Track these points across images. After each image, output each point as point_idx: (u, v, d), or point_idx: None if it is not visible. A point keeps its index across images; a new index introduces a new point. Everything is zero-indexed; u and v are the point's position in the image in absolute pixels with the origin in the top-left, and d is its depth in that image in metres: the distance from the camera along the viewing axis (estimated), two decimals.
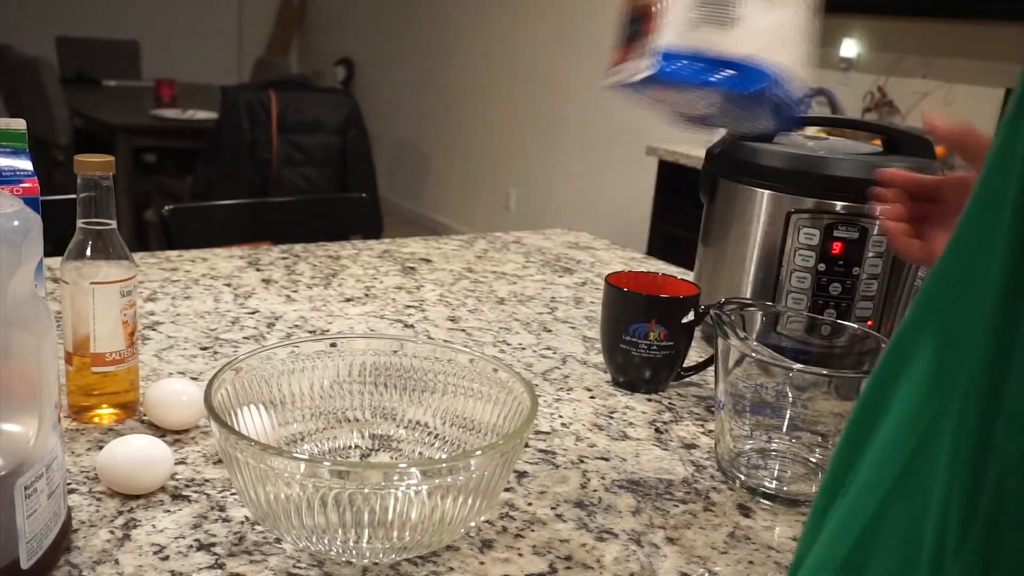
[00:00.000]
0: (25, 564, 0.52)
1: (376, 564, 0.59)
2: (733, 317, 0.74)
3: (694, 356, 0.96)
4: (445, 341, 0.96)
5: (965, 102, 2.85)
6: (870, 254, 0.92)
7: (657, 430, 0.83)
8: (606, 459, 0.77)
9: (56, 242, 0.76)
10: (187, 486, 0.67)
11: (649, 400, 0.90)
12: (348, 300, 1.13)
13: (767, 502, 0.71)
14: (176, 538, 0.60)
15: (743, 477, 0.73)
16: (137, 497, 0.64)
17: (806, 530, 0.36)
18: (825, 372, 0.70)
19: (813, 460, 0.73)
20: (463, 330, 1.06)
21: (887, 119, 3.02)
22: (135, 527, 0.61)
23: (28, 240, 0.51)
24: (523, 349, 1.02)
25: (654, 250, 3.11)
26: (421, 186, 5.80)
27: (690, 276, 1.09)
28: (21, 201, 0.53)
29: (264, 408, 0.67)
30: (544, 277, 1.32)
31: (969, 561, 0.27)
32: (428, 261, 1.36)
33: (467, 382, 0.70)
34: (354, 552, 0.57)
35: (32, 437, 0.52)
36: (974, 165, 0.69)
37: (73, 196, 0.72)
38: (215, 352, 0.93)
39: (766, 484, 0.72)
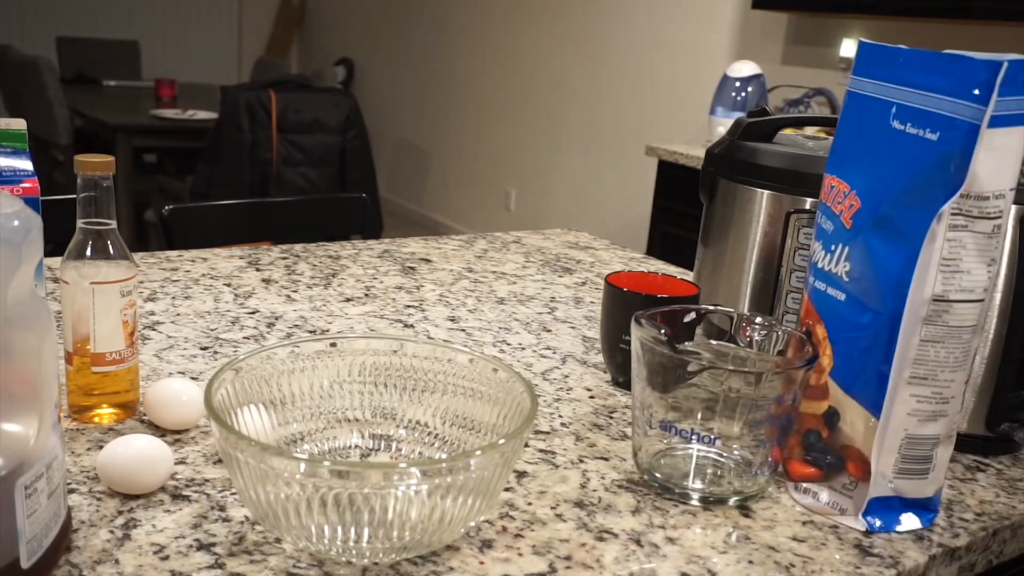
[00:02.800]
0: (25, 564, 0.52)
1: (376, 564, 0.59)
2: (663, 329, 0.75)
3: None
4: (445, 341, 0.96)
5: None
6: None
7: None
8: (606, 459, 0.77)
9: (56, 242, 0.76)
10: (187, 486, 0.67)
11: None
12: (348, 300, 1.13)
13: (684, 503, 0.70)
14: (176, 538, 0.60)
15: (660, 476, 0.72)
16: (137, 497, 0.64)
17: None
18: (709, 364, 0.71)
19: (725, 457, 0.72)
20: (463, 330, 1.06)
21: None
22: (135, 527, 0.61)
23: (28, 240, 0.51)
24: (523, 349, 1.02)
25: (654, 250, 3.11)
26: (421, 186, 5.80)
27: (690, 276, 1.09)
28: (21, 201, 0.53)
29: (264, 408, 0.67)
30: (544, 277, 1.32)
31: None
32: (428, 261, 1.36)
33: (467, 382, 0.70)
34: (354, 552, 0.57)
35: (32, 437, 0.52)
36: None
37: (73, 196, 0.72)
38: (215, 352, 0.93)
39: (685, 485, 0.71)
